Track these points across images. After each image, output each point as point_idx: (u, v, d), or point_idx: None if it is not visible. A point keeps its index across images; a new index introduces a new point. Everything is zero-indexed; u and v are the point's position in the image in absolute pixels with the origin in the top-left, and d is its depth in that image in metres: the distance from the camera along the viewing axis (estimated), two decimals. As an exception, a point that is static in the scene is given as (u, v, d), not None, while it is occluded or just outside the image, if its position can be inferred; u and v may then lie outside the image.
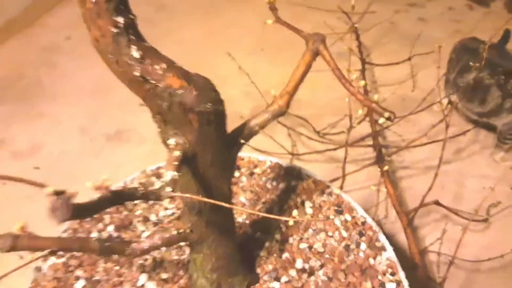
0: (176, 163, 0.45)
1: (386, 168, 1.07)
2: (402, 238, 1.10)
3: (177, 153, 0.46)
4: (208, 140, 0.48)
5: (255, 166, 0.87)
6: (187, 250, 0.72)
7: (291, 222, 0.41)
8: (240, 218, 0.78)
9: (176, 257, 0.71)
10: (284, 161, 0.87)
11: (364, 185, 1.24)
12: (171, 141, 0.46)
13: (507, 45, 1.36)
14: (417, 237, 1.13)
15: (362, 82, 0.56)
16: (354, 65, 1.42)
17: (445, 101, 1.40)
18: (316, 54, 0.50)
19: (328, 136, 1.41)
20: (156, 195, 0.42)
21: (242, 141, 0.54)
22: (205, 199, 0.47)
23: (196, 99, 0.44)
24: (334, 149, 1.29)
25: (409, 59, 1.45)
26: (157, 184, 0.42)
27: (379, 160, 1.18)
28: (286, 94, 0.53)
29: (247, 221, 0.78)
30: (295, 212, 0.45)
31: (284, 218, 0.41)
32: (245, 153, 0.89)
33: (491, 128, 1.36)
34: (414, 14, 1.97)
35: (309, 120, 1.47)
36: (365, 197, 1.20)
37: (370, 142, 1.26)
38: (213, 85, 0.46)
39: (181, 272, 0.70)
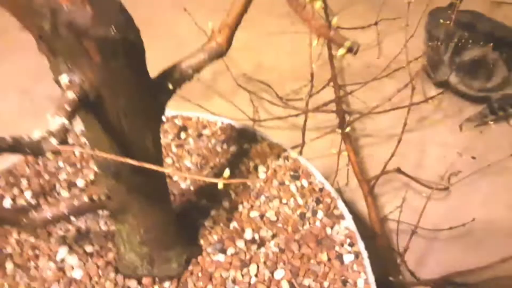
0: (69, 107, 0.32)
1: (347, 129, 0.98)
2: (362, 206, 1.02)
3: (71, 94, 0.33)
4: (119, 80, 0.36)
5: (204, 127, 0.75)
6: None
7: (220, 185, 0.30)
8: (184, 184, 0.67)
9: (104, 228, 0.59)
10: (237, 123, 0.76)
11: (326, 153, 1.14)
12: (64, 78, 0.34)
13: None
14: (377, 205, 1.06)
15: (335, 19, 0.45)
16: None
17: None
18: (260, -29, 0.38)
19: (291, 102, 1.30)
20: (33, 148, 0.30)
21: (170, 86, 0.41)
22: (116, 158, 0.34)
23: (92, 20, 0.31)
24: (296, 115, 1.19)
25: (376, 23, 1.35)
26: (37, 134, 0.30)
27: (342, 126, 1.08)
28: (226, 28, 0.41)
29: (192, 187, 0.67)
30: (226, 172, 0.33)
31: (215, 180, 0.30)
32: (193, 113, 0.76)
33: (482, 101, 1.27)
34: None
35: (272, 86, 1.35)
36: (326, 165, 1.11)
37: (334, 109, 1.17)
38: (120, 4, 0.33)
39: (109, 245, 0.58)
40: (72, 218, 0.44)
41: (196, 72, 0.43)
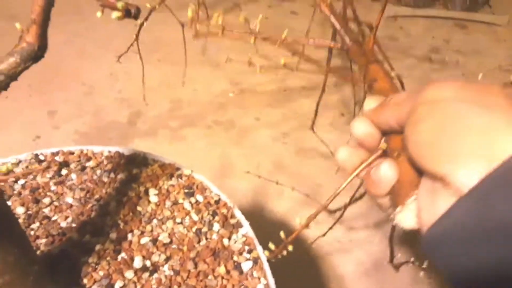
0: None
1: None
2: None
3: None
4: None
5: (89, 159, 0.68)
6: None
7: None
8: (64, 222, 0.59)
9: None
10: (126, 149, 0.70)
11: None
12: None
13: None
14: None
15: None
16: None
17: None
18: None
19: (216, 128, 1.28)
20: None
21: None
22: None
23: None
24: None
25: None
26: None
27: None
28: (33, 25, 0.36)
29: (74, 224, 0.59)
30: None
31: None
32: (76, 147, 0.70)
33: None
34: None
35: (194, 119, 1.35)
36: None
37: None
38: None
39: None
40: None
41: (11, 79, 0.37)
